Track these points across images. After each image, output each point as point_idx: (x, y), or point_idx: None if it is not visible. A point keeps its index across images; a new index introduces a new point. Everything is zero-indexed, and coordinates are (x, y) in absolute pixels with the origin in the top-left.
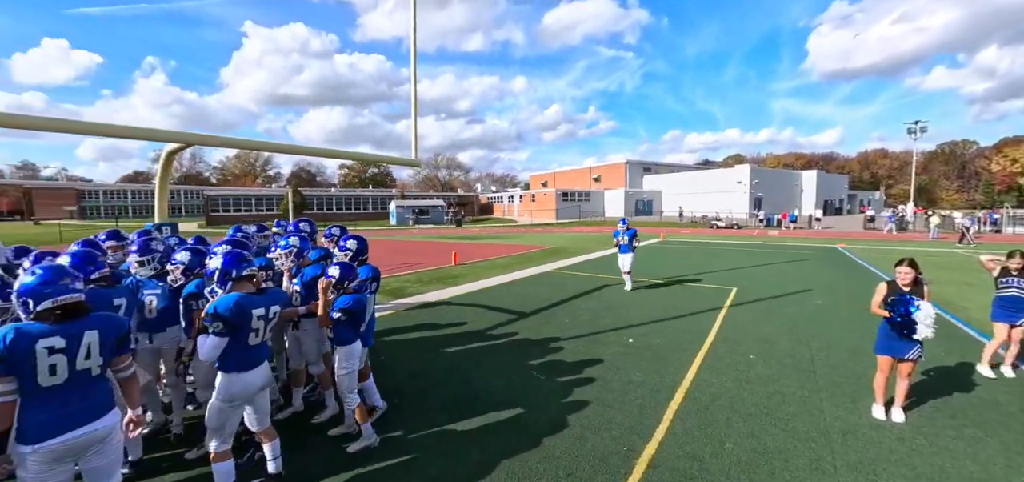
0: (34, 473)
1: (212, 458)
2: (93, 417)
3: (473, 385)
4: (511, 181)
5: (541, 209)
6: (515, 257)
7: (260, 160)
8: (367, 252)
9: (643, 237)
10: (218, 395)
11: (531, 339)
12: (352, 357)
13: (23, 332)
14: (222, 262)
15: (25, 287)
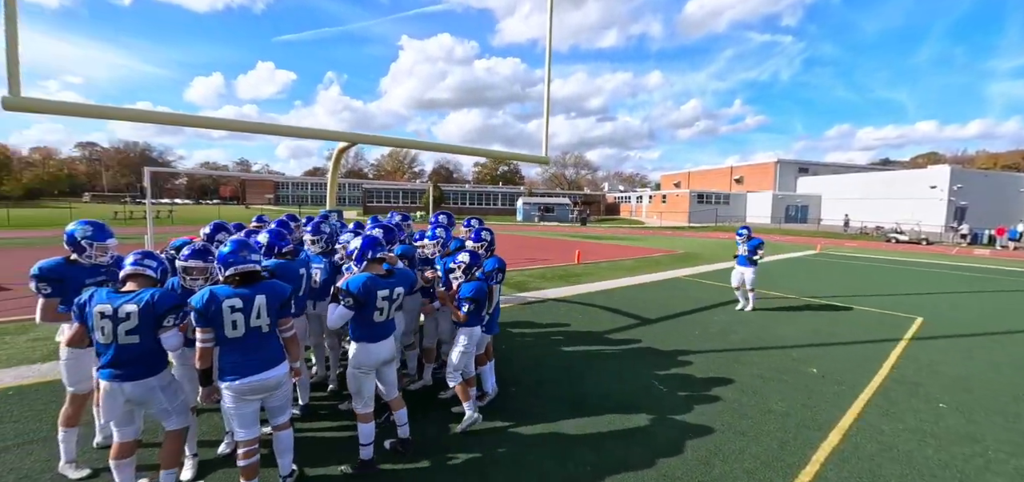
0: (230, 402)
1: (358, 417)
2: (266, 367)
3: (587, 386)
4: (640, 181)
5: (672, 211)
6: (641, 260)
7: (408, 158)
8: (495, 245)
9: (795, 248)
10: (351, 363)
11: (654, 348)
12: (471, 340)
13: (214, 293)
14: (361, 244)
15: (220, 256)
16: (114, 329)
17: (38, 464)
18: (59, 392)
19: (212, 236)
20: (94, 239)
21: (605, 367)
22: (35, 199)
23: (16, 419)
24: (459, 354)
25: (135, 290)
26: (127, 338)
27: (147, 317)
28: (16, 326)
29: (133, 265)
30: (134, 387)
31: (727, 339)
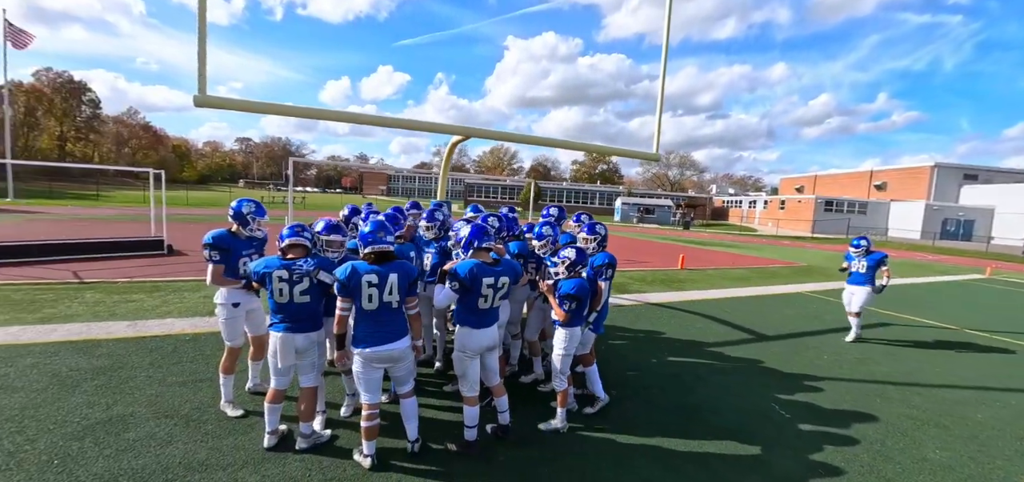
0: (359, 367)
1: (463, 400)
2: (393, 339)
3: (697, 400)
4: (754, 184)
5: (792, 219)
6: (754, 270)
7: (507, 155)
8: (607, 240)
9: (955, 270)
10: (456, 345)
11: (773, 368)
12: (571, 341)
13: (356, 268)
14: (469, 233)
15: (361, 235)
16: (290, 290)
17: (206, 398)
18: (222, 342)
19: (349, 217)
20: (257, 214)
21: (716, 382)
22: (205, 183)
23: (191, 359)
24: (561, 357)
25: (298, 258)
26: (301, 298)
27: (316, 282)
28: (191, 285)
29: (292, 236)
30: (304, 338)
31: (866, 369)
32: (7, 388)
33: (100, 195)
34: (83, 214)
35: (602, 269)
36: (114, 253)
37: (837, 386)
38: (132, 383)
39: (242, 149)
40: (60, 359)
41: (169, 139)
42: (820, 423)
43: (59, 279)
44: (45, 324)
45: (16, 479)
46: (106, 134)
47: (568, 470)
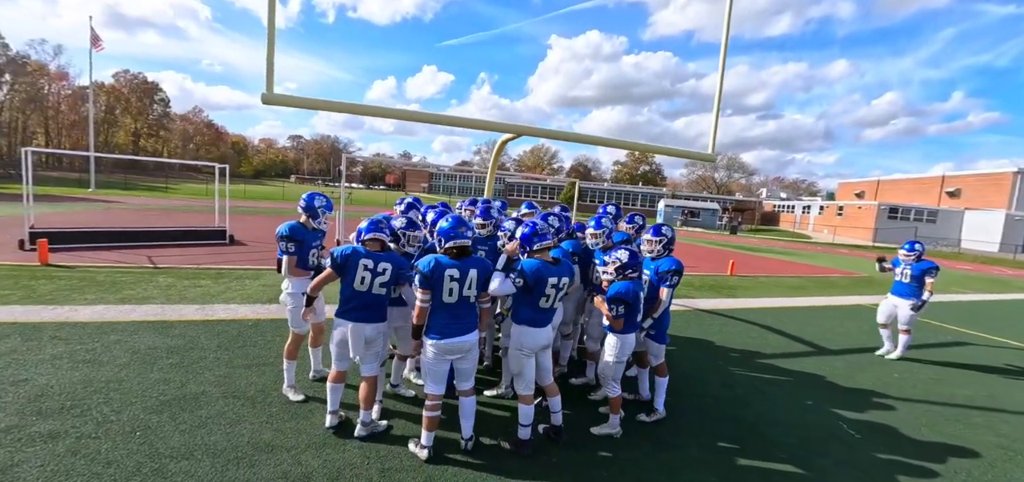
0: (430, 358)
1: (519, 398)
2: (465, 332)
3: (755, 414)
4: (807, 188)
5: (851, 226)
6: (810, 279)
7: (547, 155)
8: (675, 244)
9: None
10: (512, 343)
11: (837, 383)
12: (622, 348)
13: (440, 262)
14: (522, 236)
15: (441, 230)
16: (372, 280)
17: (269, 382)
18: (283, 328)
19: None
20: (326, 209)
21: (776, 395)
22: (259, 178)
23: (254, 344)
24: (611, 364)
25: (375, 250)
26: (379, 289)
27: (395, 274)
28: (251, 273)
29: (374, 230)
30: (373, 328)
31: (944, 390)
32: (96, 362)
33: (168, 187)
34: (153, 205)
35: (667, 275)
36: (182, 241)
37: (912, 407)
38: (202, 363)
39: (294, 146)
40: (139, 337)
41: (229, 136)
42: (895, 446)
43: (136, 264)
44: (125, 304)
45: (105, 446)
46: (174, 131)
47: (622, 475)
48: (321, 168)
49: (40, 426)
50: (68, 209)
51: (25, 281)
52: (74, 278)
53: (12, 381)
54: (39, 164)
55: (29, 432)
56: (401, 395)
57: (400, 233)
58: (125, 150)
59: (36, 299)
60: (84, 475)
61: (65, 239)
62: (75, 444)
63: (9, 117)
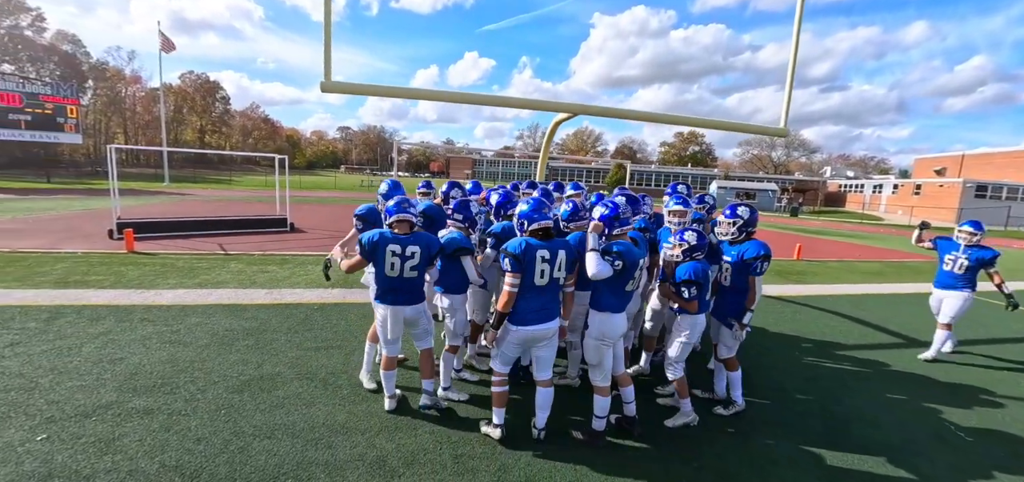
0: (509, 346)
1: (595, 389)
2: (550, 318)
3: (847, 409)
4: (876, 166)
5: (930, 207)
6: (888, 264)
7: (591, 137)
8: (756, 224)
9: None
10: (592, 333)
11: (936, 379)
12: (692, 330)
13: (530, 244)
14: (601, 217)
15: (522, 213)
16: (402, 265)
17: (337, 364)
18: (347, 312)
19: (447, 193)
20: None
21: (867, 390)
22: (312, 169)
23: (321, 328)
24: (680, 344)
25: (403, 233)
26: (410, 273)
27: (425, 255)
28: (313, 259)
29: (399, 211)
30: (412, 310)
31: None
32: (180, 342)
33: (232, 180)
34: (220, 196)
35: (754, 263)
36: (248, 229)
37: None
38: (275, 345)
39: (343, 137)
40: (217, 320)
41: (283, 130)
42: (1017, 453)
43: (209, 251)
44: (202, 288)
45: (194, 423)
46: (234, 127)
47: (704, 471)
48: (369, 157)
49: (136, 402)
50: (147, 202)
51: (115, 267)
52: (156, 264)
53: (111, 360)
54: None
55: (127, 408)
56: (465, 380)
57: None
58: (192, 146)
59: (125, 283)
60: (177, 450)
61: (147, 228)
62: (168, 421)
63: (94, 120)
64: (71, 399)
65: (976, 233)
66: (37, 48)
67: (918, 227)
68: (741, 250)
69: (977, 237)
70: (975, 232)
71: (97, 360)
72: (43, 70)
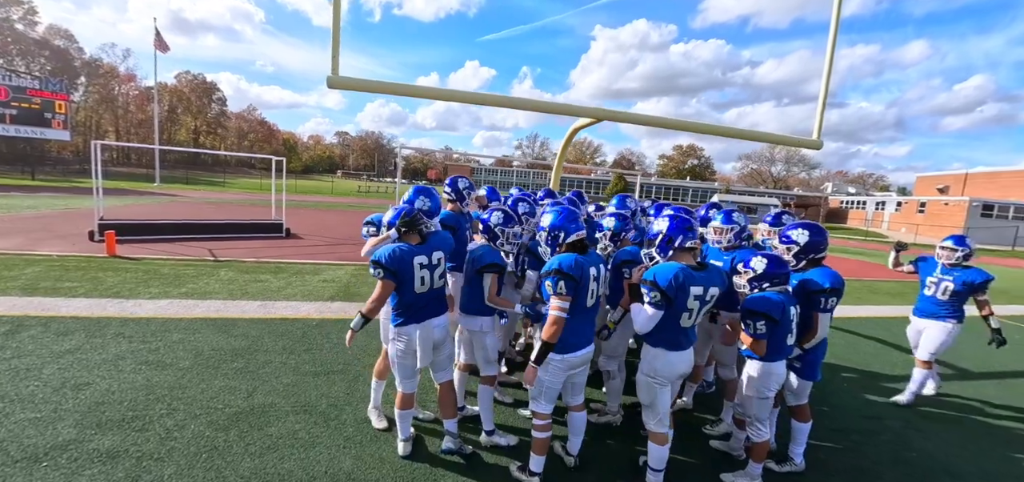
0: (551, 375)
1: (650, 436)
2: (590, 342)
3: (921, 456)
4: (874, 183)
5: (935, 225)
6: (909, 286)
7: (590, 148)
8: (824, 249)
9: None
10: (644, 369)
11: (1005, 416)
12: (765, 378)
13: (580, 261)
14: (668, 227)
15: (556, 222)
16: (431, 276)
17: (341, 394)
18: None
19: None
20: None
21: (936, 432)
22: (308, 173)
23: (320, 347)
24: (754, 400)
25: (414, 242)
26: (438, 282)
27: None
28: (310, 268)
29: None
30: (440, 327)
31: None
32: (158, 364)
33: (226, 182)
34: (213, 198)
35: (819, 297)
36: (241, 234)
37: None
38: (268, 369)
39: (340, 143)
40: (202, 337)
41: (280, 133)
42: None
43: (198, 256)
44: (188, 299)
45: (168, 471)
46: (230, 128)
47: None
48: (366, 163)
49: (100, 441)
50: (135, 202)
51: (93, 272)
52: (139, 270)
53: (74, 385)
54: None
55: (87, 449)
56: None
57: (498, 231)
58: (186, 146)
59: (102, 291)
60: None
61: (132, 231)
62: (135, 467)
63: (85, 116)
64: (20, 437)
65: (958, 249)
66: (28, 42)
67: (894, 249)
68: (804, 281)
69: (959, 254)
70: (957, 248)
71: (59, 385)
72: (33, 64)
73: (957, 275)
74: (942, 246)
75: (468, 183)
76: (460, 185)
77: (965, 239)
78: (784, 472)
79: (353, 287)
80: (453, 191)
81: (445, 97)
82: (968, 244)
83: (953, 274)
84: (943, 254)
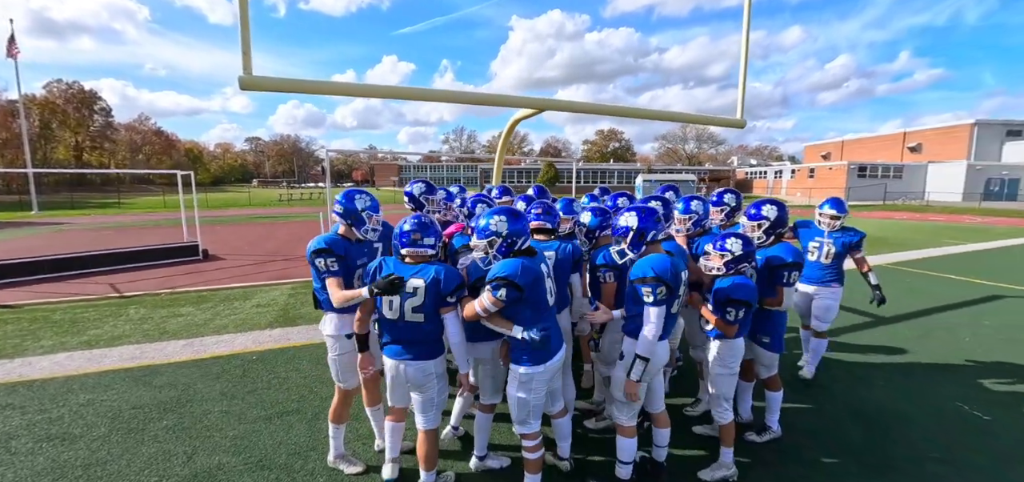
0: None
1: (620, 431)
2: (562, 343)
3: (878, 410)
4: (769, 154)
5: (823, 187)
6: None
7: (517, 139)
8: (788, 222)
9: (1009, 233)
10: (624, 364)
11: (921, 360)
12: (733, 355)
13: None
14: (637, 222)
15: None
16: (401, 305)
17: (302, 439)
18: (297, 359)
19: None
20: (372, 210)
21: (882, 386)
22: (218, 185)
23: (267, 386)
24: (721, 377)
25: (416, 264)
26: (413, 315)
27: (433, 295)
28: (238, 293)
29: (412, 243)
30: (415, 368)
31: (1017, 348)
32: (65, 437)
33: (121, 202)
34: (108, 223)
35: (783, 272)
36: (148, 262)
37: (1002, 371)
38: (207, 421)
39: (253, 149)
40: (118, 394)
41: (181, 143)
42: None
43: (98, 294)
44: (92, 348)
45: None
46: (120, 142)
47: None
48: (284, 169)
49: None
50: (10, 236)
51: None
52: (24, 320)
53: None
54: None
55: None
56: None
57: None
58: (67, 166)
59: None
60: None
61: (7, 272)
62: None
63: None
64: None
65: (840, 216)
66: None
67: None
68: (767, 255)
69: (841, 220)
70: (839, 214)
71: None
72: None
73: (837, 237)
74: (822, 212)
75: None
76: (356, 204)
77: (843, 203)
78: (765, 441)
79: (292, 309)
80: (410, 200)
81: (382, 94)
82: (835, 207)
83: (833, 236)
84: (825, 220)
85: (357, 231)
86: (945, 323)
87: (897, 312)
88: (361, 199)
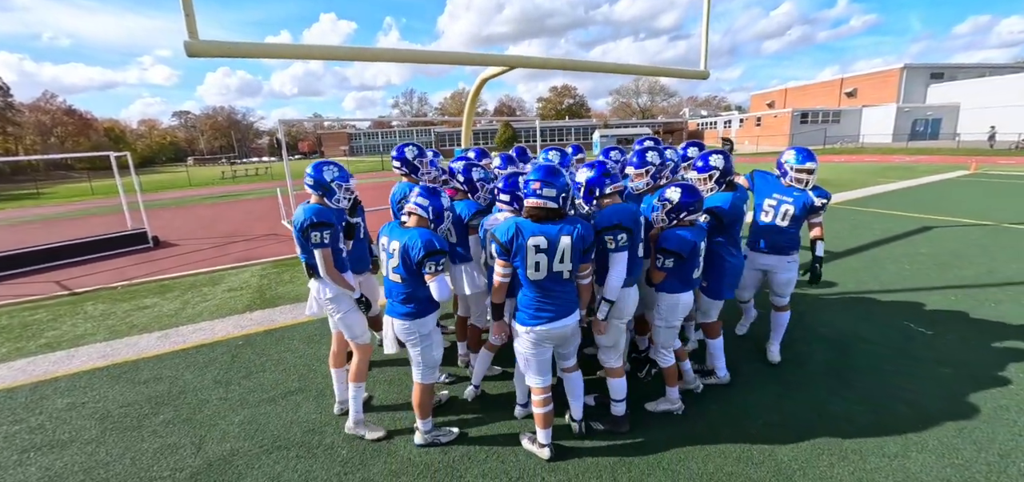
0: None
1: (608, 374)
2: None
3: (835, 332)
4: (718, 103)
5: (769, 135)
6: None
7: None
8: (732, 172)
9: (943, 168)
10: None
11: (870, 289)
12: (672, 309)
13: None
14: (589, 179)
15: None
16: (387, 262)
17: (313, 415)
18: (287, 338)
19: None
20: (342, 180)
21: (838, 313)
22: (148, 166)
23: (261, 369)
24: (660, 329)
25: (412, 227)
26: (393, 276)
27: (402, 258)
28: (204, 278)
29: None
30: (401, 324)
31: (968, 271)
32: (53, 444)
33: (40, 193)
34: (29, 216)
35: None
36: (92, 254)
37: (947, 294)
38: (207, 410)
39: (183, 124)
40: (99, 393)
41: (98, 122)
42: (970, 334)
43: (44, 293)
44: (55, 350)
45: None
46: (25, 125)
47: None
48: (222, 144)
49: None
50: None
51: None
52: None
53: None
54: None
55: None
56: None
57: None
58: None
59: None
60: None
61: None
62: None
63: None
64: None
65: (805, 164)
66: None
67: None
68: (708, 207)
69: (799, 169)
70: (814, 167)
71: None
72: None
73: (797, 196)
74: (800, 167)
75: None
76: (325, 176)
77: (812, 153)
78: (708, 382)
79: (269, 290)
80: (403, 164)
81: (342, 56)
82: (806, 158)
83: (792, 195)
84: (801, 176)
85: (329, 201)
86: (889, 254)
87: (848, 247)
88: (329, 170)
